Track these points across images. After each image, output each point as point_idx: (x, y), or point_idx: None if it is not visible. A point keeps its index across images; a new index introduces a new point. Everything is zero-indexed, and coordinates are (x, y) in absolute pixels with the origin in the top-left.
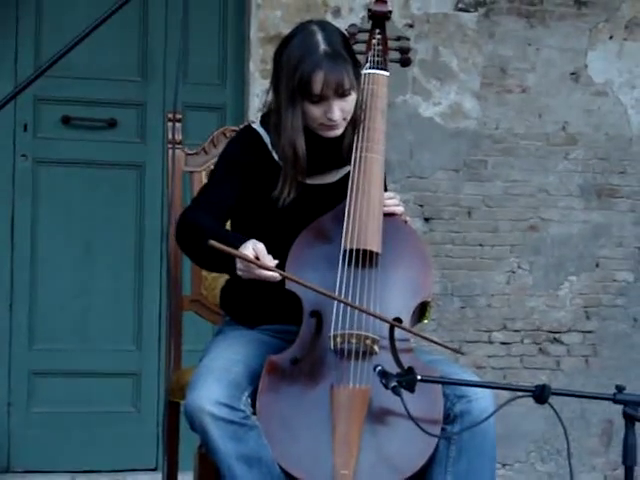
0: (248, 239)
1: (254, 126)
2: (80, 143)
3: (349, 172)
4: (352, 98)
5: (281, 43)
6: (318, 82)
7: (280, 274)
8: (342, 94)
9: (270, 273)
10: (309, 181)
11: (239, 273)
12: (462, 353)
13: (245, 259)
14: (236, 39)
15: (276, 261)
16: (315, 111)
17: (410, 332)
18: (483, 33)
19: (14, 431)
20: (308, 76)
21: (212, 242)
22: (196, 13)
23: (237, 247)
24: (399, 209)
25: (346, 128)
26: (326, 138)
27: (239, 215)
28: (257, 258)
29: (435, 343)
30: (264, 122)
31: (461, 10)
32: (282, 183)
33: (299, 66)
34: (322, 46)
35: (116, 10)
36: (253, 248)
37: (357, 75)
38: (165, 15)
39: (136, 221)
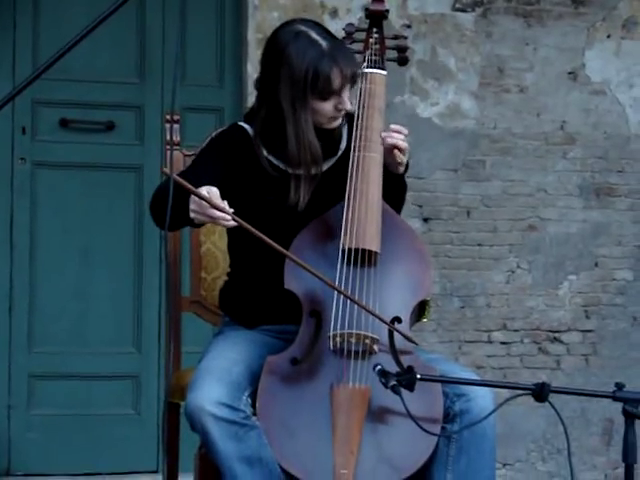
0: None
1: (241, 123)
2: (78, 146)
3: (336, 163)
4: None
5: (271, 55)
6: (337, 77)
7: (231, 216)
8: (354, 82)
9: (221, 214)
10: (298, 171)
11: (192, 215)
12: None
13: (200, 196)
14: (233, 41)
15: (226, 206)
16: (326, 106)
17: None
18: (481, 33)
19: (14, 434)
20: (327, 75)
21: (175, 177)
22: (193, 15)
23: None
24: (404, 144)
25: None
26: (319, 131)
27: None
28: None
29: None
30: (248, 120)
31: (458, 10)
32: (295, 187)
33: (313, 69)
34: (323, 42)
35: (113, 12)
36: (207, 191)
37: None
38: (162, 17)
39: (134, 223)
